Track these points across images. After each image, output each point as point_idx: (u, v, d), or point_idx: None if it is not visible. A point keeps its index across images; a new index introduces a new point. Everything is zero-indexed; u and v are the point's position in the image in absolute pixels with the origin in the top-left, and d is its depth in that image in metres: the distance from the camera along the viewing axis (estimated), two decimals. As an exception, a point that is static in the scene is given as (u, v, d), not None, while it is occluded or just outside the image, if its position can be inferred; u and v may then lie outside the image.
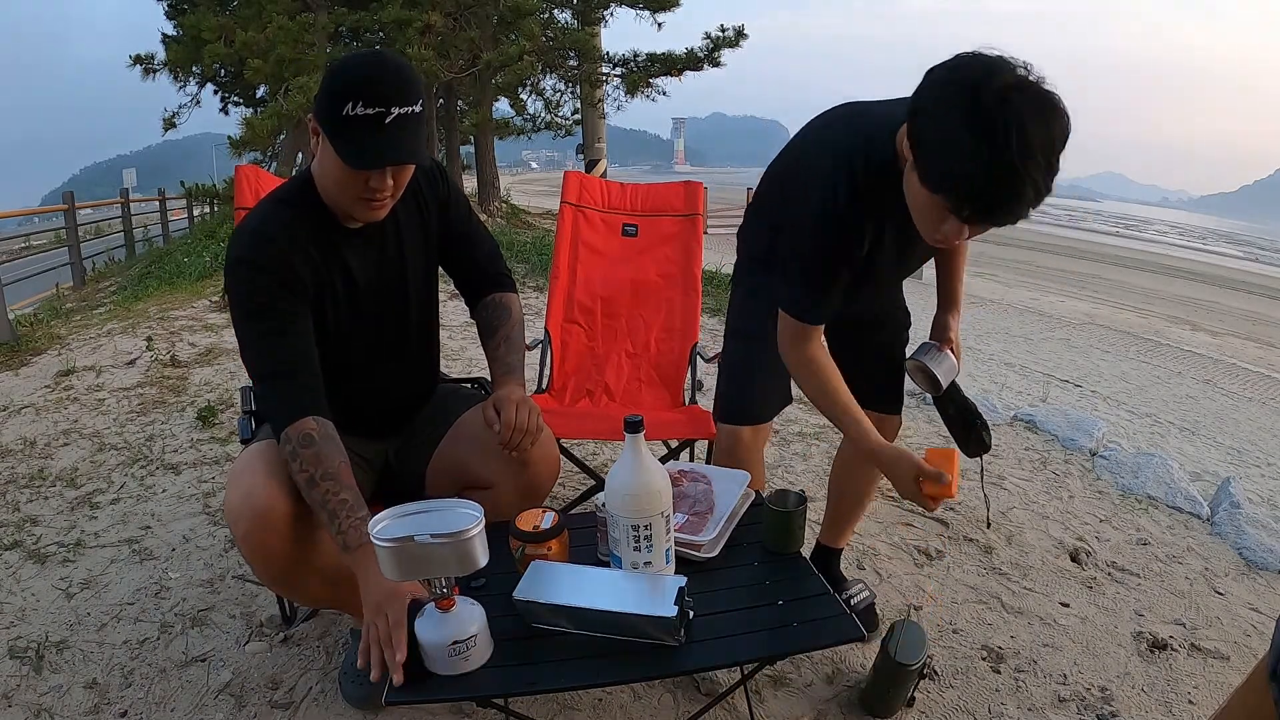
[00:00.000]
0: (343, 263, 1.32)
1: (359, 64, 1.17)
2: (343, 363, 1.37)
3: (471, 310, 1.56)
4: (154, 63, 10.33)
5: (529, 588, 1.09)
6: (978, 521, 2.32)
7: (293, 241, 1.25)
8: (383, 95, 1.13)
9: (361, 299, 1.36)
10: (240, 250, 1.24)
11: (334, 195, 1.25)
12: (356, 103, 1.12)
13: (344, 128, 1.14)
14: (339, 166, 1.18)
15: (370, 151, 1.15)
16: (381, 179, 1.19)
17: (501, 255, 1.58)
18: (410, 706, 1.40)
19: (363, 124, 1.13)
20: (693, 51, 10.04)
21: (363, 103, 1.12)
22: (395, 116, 1.14)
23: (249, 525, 1.18)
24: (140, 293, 5.80)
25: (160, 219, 12.52)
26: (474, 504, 1.02)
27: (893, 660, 1.42)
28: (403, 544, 0.96)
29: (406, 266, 1.40)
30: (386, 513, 1.01)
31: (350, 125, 1.13)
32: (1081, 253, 20.55)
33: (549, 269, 2.51)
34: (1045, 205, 1.06)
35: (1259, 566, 2.18)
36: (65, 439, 2.77)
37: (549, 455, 1.43)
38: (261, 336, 1.23)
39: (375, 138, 1.14)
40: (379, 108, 1.13)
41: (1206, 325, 10.63)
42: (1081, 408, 4.70)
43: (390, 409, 1.50)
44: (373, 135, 1.14)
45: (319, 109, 1.17)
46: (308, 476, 1.16)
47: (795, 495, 1.30)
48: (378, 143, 1.15)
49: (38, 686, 1.52)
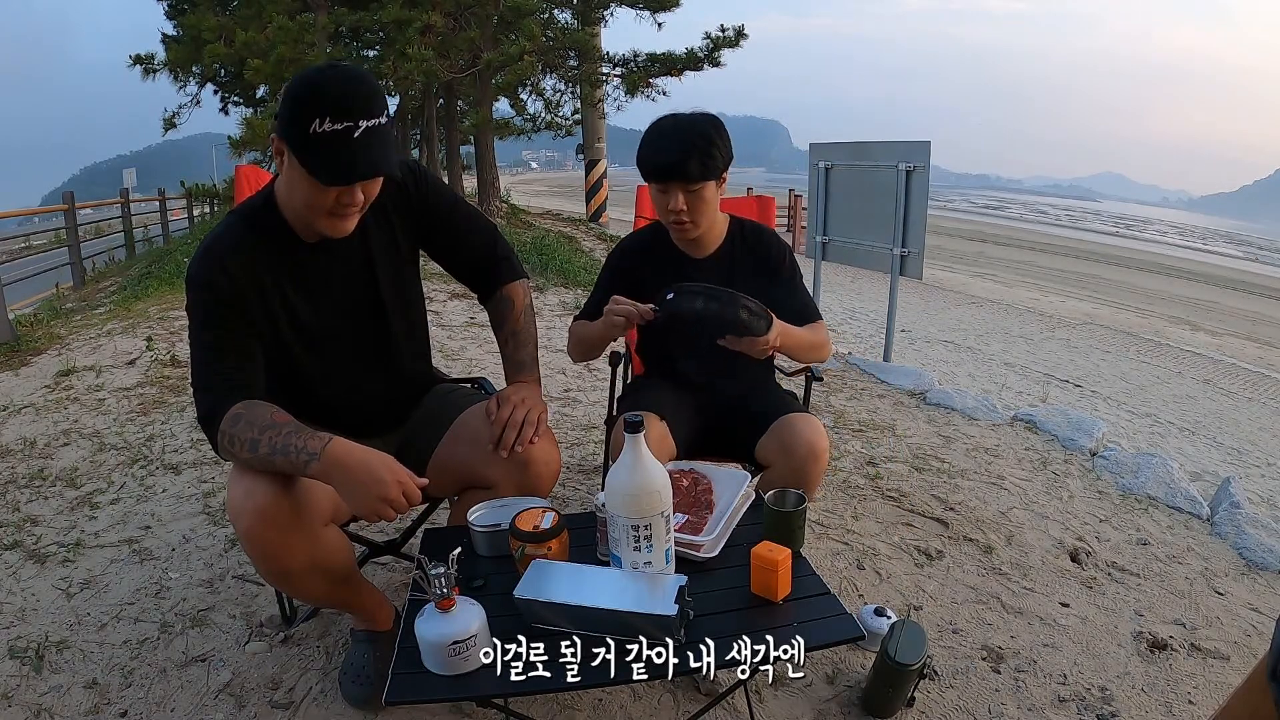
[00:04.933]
0: (302, 279, 1.32)
1: (321, 80, 1.14)
2: (321, 373, 1.39)
3: (483, 304, 1.57)
4: (154, 63, 10.32)
5: (529, 587, 1.09)
6: (977, 521, 2.32)
7: (244, 262, 1.25)
8: (349, 109, 1.12)
9: (327, 312, 1.36)
10: (193, 267, 1.25)
11: (300, 211, 1.24)
12: (324, 119, 1.11)
13: (312, 145, 1.13)
14: (308, 183, 1.17)
15: (341, 166, 1.14)
16: (351, 193, 1.19)
17: (500, 239, 1.57)
18: (410, 706, 1.40)
19: (331, 140, 1.12)
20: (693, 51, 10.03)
21: (329, 118, 1.11)
22: (363, 130, 1.13)
23: (250, 521, 1.17)
24: (140, 293, 5.79)
25: (160, 219, 12.53)
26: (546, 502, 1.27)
27: (893, 660, 1.42)
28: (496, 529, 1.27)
29: (377, 276, 1.40)
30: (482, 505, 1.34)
31: (319, 142, 1.12)
32: (1081, 253, 20.55)
33: (549, 269, 2.50)
34: (1045, 205, 1.07)
35: (1259, 566, 2.18)
36: (65, 439, 2.77)
37: (549, 457, 1.42)
38: (203, 348, 1.24)
39: (345, 152, 1.13)
40: (346, 122, 1.12)
41: (1206, 325, 10.64)
42: (1081, 408, 4.70)
43: (383, 411, 1.51)
44: (343, 150, 1.13)
45: (284, 128, 1.15)
46: (248, 443, 1.15)
47: (795, 495, 1.30)
48: (348, 157, 1.13)
49: (38, 686, 1.52)
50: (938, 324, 7.72)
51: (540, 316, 5.07)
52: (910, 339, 6.53)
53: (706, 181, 1.57)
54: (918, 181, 4.08)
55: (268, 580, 1.41)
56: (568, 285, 6.07)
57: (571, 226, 10.65)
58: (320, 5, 9.24)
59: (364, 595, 1.44)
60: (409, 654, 1.06)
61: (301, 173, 1.17)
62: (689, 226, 1.64)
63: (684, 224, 1.63)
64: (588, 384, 3.62)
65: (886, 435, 3.05)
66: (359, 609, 1.45)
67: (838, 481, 2.57)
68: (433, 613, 1.02)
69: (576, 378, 3.72)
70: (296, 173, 1.18)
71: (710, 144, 1.56)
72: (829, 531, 2.21)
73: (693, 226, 1.64)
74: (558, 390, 3.51)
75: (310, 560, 1.24)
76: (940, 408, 3.42)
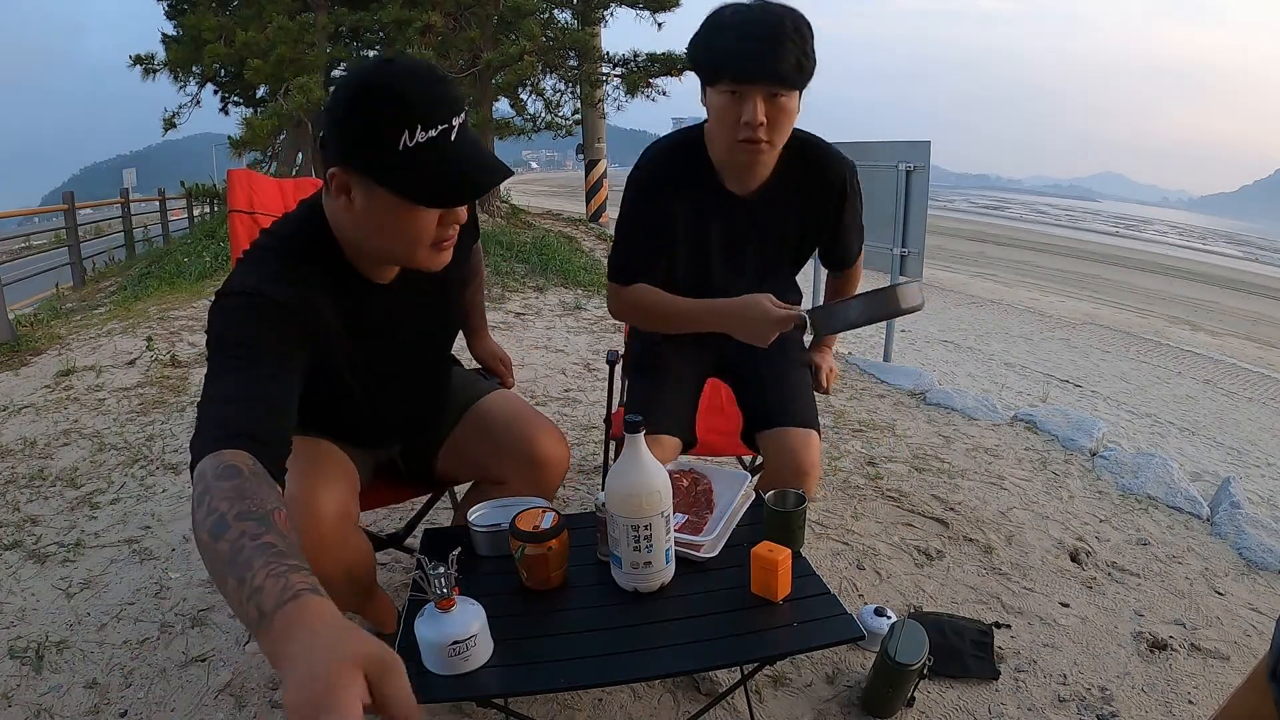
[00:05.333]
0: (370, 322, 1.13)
1: (395, 83, 0.91)
2: (369, 404, 1.26)
3: None
4: (154, 63, 10.32)
5: None
6: (977, 521, 2.32)
7: (308, 296, 1.02)
8: (441, 111, 0.92)
9: (390, 356, 1.22)
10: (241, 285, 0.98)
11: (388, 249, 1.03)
12: (414, 128, 0.91)
13: (407, 163, 0.92)
14: (404, 213, 0.97)
15: (452, 179, 0.94)
16: (456, 213, 1.00)
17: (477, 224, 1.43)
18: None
19: (429, 151, 0.92)
20: (693, 51, 10.03)
21: (421, 126, 0.91)
22: (458, 130, 0.94)
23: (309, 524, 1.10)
24: (140, 293, 5.80)
25: (160, 219, 12.52)
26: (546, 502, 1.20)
27: (893, 660, 1.42)
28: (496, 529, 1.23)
29: (449, 312, 1.31)
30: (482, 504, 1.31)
31: (415, 158, 0.92)
32: (1081, 253, 20.55)
33: (549, 269, 2.50)
34: (1045, 205, 1.07)
35: (1259, 566, 2.18)
36: (65, 439, 2.77)
37: (559, 456, 1.44)
38: (225, 361, 0.92)
39: (451, 163, 0.94)
40: (442, 125, 0.92)
41: (1206, 325, 10.63)
42: (1081, 408, 4.70)
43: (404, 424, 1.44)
44: (447, 160, 0.93)
45: (357, 152, 0.94)
46: (217, 517, 0.71)
47: (795, 495, 1.30)
48: (457, 168, 0.94)
49: (38, 686, 1.52)
50: (938, 324, 7.72)
51: (540, 316, 5.07)
52: (910, 339, 6.53)
53: (797, 90, 1.28)
54: (918, 181, 4.08)
55: None
56: (567, 285, 6.07)
57: (571, 226, 10.65)
58: (320, 5, 9.24)
59: (376, 600, 1.45)
60: (409, 654, 1.05)
61: (393, 201, 0.96)
62: (764, 147, 1.30)
63: (758, 143, 1.29)
64: (588, 384, 3.62)
65: (886, 435, 3.05)
66: (369, 614, 1.45)
67: (838, 481, 2.57)
68: (433, 613, 1.02)
69: (576, 378, 3.72)
70: (383, 204, 0.96)
71: (808, 41, 1.25)
72: (829, 531, 2.21)
73: (768, 147, 1.31)
74: (558, 390, 3.51)
75: (341, 567, 1.20)
76: (940, 408, 3.42)
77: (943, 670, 1.58)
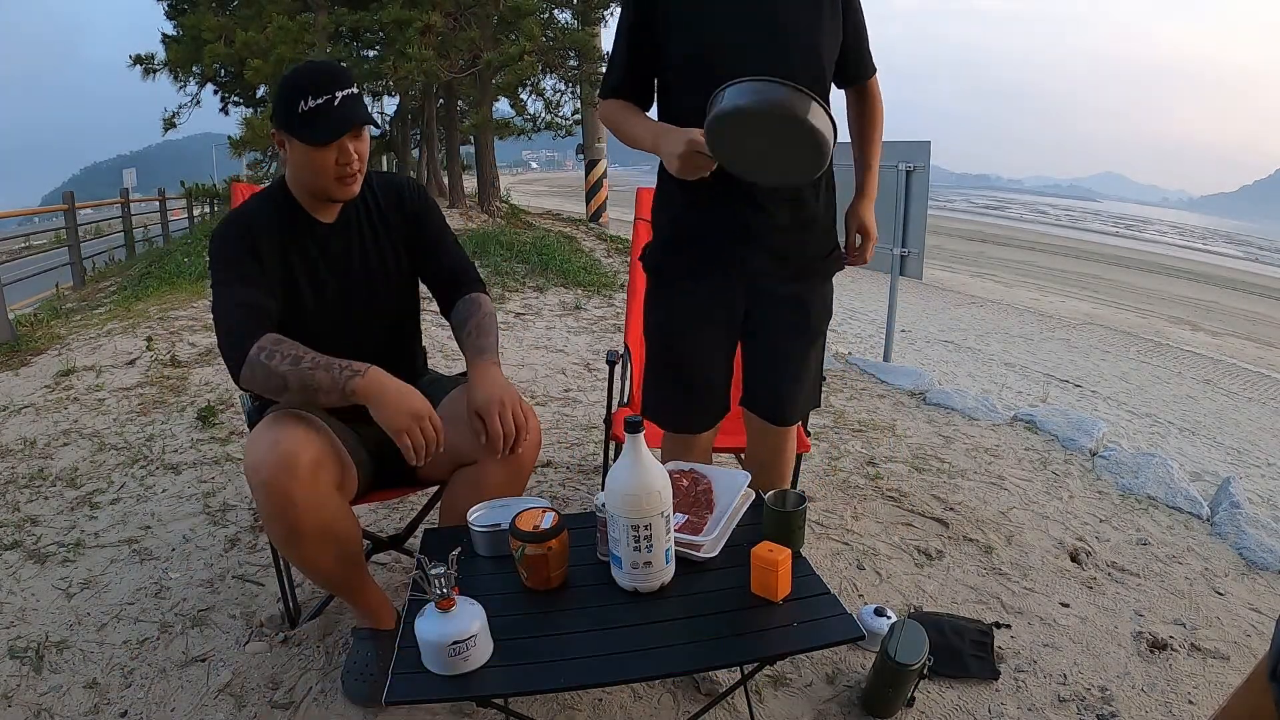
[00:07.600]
0: (310, 252, 1.47)
1: (296, 73, 1.37)
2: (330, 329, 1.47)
3: (446, 315, 1.60)
4: (154, 63, 10.33)
5: None
6: (977, 521, 2.32)
7: (265, 223, 1.42)
8: (325, 85, 1.33)
9: (327, 289, 1.48)
10: (219, 227, 1.44)
11: (310, 184, 1.42)
12: (306, 98, 1.32)
13: (303, 121, 1.33)
14: (308, 154, 1.36)
15: (332, 125, 1.34)
16: (346, 152, 1.37)
17: (473, 268, 1.64)
18: (410, 706, 1.40)
19: (316, 112, 1.33)
20: (692, 51, 10.03)
21: (311, 95, 1.32)
22: (341, 97, 1.34)
23: (273, 471, 1.23)
24: (140, 293, 5.79)
25: (160, 219, 12.51)
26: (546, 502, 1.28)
27: (893, 660, 1.42)
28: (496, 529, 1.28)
29: (371, 266, 1.53)
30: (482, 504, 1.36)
31: (308, 117, 1.33)
32: (1081, 253, 20.56)
33: (549, 269, 2.50)
34: (1045, 205, 1.07)
35: (1259, 566, 2.18)
36: (65, 439, 2.77)
37: (532, 435, 1.45)
38: (225, 284, 1.37)
39: (331, 116, 1.34)
40: (326, 95, 1.33)
41: (1206, 325, 10.64)
42: (1081, 408, 4.70)
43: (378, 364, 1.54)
44: (329, 115, 1.34)
45: (279, 120, 1.36)
46: (291, 358, 1.27)
47: (795, 495, 1.30)
48: (334, 118, 1.34)
49: (38, 686, 1.52)
50: (938, 324, 7.71)
51: (540, 316, 5.07)
52: (910, 339, 6.53)
53: None
54: (918, 181, 4.07)
55: (279, 546, 1.41)
56: (567, 285, 6.07)
57: (571, 226, 10.64)
58: (320, 5, 9.25)
59: (369, 589, 1.46)
60: (409, 654, 1.06)
61: (301, 148, 1.36)
62: None
63: None
64: (588, 384, 3.62)
65: (886, 435, 3.05)
66: (364, 604, 1.46)
67: (838, 481, 2.57)
68: (433, 613, 1.02)
69: (576, 378, 3.72)
70: (298, 151, 1.37)
71: None
72: (829, 531, 2.21)
73: None
74: (558, 390, 3.51)
75: (321, 525, 1.29)
76: (940, 408, 3.42)
77: (943, 670, 1.58)
